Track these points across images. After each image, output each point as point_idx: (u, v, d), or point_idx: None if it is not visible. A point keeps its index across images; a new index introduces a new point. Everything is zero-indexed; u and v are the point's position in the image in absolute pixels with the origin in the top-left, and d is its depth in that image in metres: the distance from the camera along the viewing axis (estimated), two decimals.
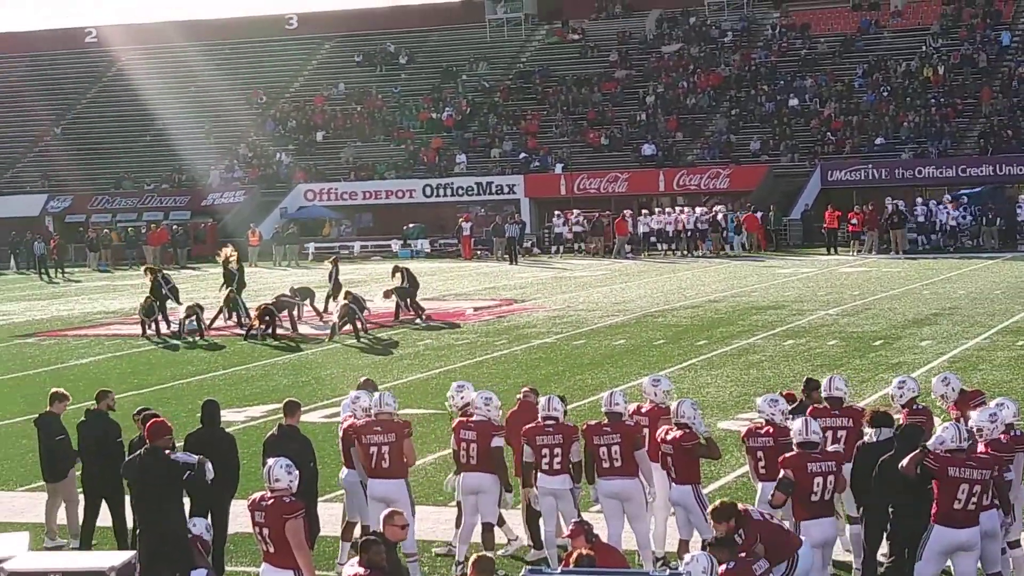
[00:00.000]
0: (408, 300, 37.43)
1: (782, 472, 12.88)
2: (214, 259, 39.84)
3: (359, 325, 34.08)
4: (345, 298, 34.83)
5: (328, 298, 38.71)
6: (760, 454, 14.07)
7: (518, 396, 16.24)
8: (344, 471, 15.36)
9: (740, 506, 11.71)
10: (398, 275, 37.80)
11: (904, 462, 12.52)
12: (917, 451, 12.53)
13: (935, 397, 15.06)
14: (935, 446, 12.49)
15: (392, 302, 37.56)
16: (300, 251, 64.01)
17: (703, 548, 13.14)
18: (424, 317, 36.90)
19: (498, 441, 14.85)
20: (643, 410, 15.16)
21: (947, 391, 14.80)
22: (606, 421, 14.53)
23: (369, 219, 71.15)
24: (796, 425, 13.21)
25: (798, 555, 11.92)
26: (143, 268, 38.75)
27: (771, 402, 14.41)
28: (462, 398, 15.40)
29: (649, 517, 14.68)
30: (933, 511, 12.43)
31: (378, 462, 14.70)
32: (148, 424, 13.70)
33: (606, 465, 14.43)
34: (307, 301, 38.25)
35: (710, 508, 11.83)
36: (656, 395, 15.22)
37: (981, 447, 12.93)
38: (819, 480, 12.81)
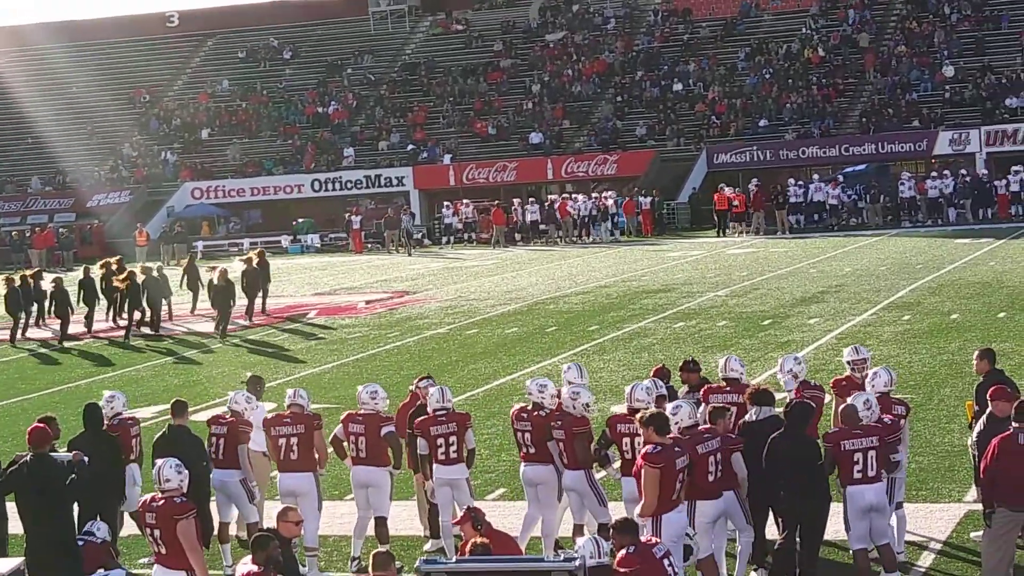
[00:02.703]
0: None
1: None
2: (103, 262, 39.07)
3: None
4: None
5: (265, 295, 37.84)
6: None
7: (410, 387, 16.20)
8: (215, 471, 15.22)
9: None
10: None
11: None
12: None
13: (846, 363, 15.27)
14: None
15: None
16: (188, 250, 63.37)
17: (599, 532, 13.25)
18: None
19: (388, 429, 14.81)
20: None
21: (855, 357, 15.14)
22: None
23: (258, 216, 70.71)
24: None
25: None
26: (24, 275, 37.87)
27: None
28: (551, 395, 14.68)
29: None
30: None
31: (287, 454, 14.67)
32: (31, 430, 13.51)
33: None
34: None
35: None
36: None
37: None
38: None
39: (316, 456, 14.78)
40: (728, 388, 14.83)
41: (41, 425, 13.78)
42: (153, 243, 62.96)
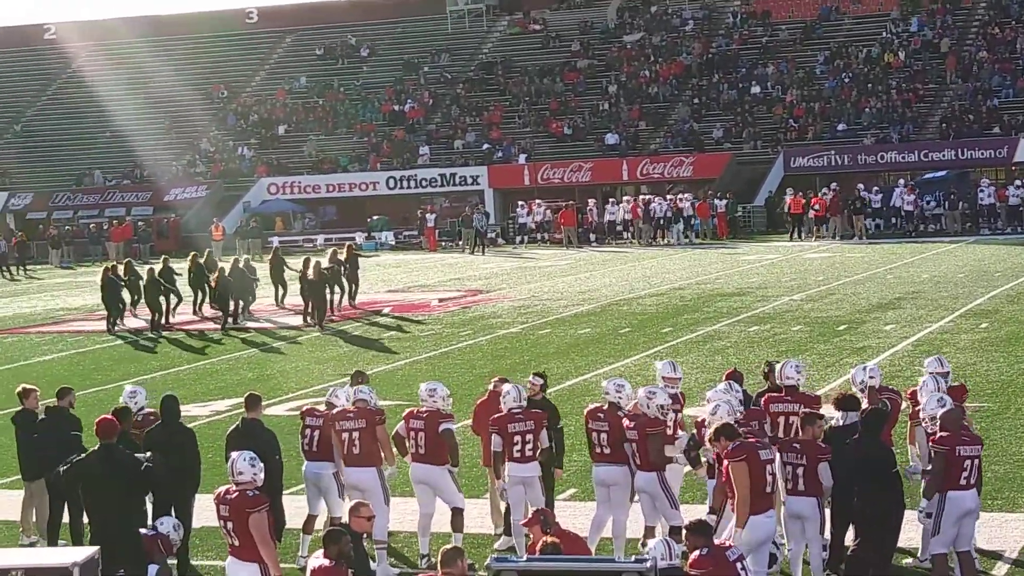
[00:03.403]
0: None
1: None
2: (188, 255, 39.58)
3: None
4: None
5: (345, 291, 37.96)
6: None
7: (488, 386, 16.17)
8: (307, 463, 15.31)
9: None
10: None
11: None
12: None
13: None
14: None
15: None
16: (263, 245, 63.75)
17: (671, 534, 13.19)
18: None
19: (445, 426, 14.81)
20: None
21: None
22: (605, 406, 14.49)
23: (333, 212, 70.99)
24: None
25: None
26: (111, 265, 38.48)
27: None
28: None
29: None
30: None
31: (349, 448, 14.71)
32: (99, 421, 13.61)
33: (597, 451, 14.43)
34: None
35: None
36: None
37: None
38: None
39: (382, 453, 14.82)
40: (787, 396, 14.71)
41: (109, 417, 13.88)
42: (229, 238, 63.36)
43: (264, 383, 25.76)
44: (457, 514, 14.84)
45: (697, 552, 10.73)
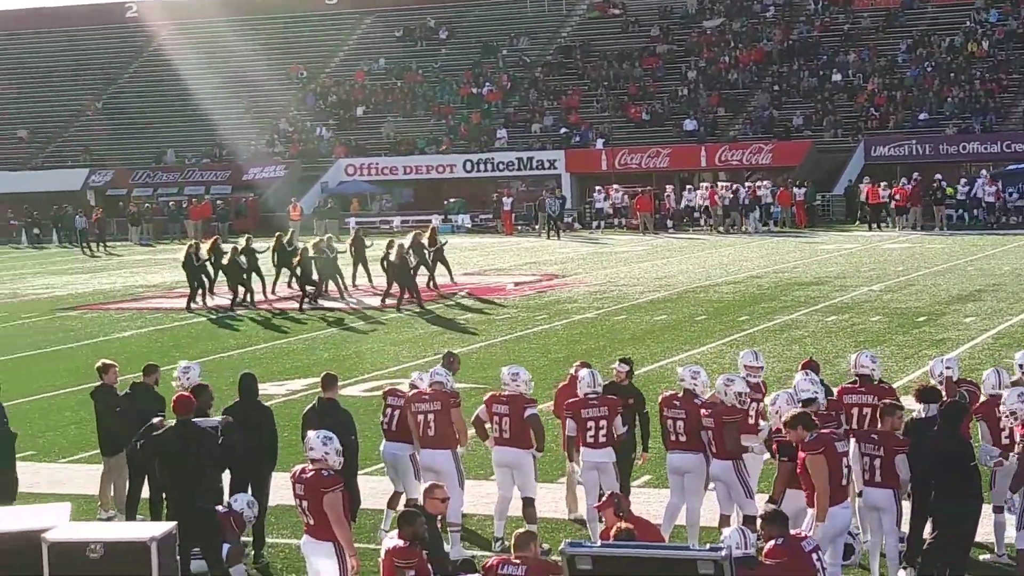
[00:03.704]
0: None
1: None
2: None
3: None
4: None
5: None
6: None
7: (570, 370, 16.11)
8: (386, 443, 15.36)
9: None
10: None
11: None
12: None
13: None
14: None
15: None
16: (340, 225, 64.02)
17: (745, 523, 13.12)
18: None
19: (531, 411, 14.78)
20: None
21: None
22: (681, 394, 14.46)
23: (410, 194, 71.14)
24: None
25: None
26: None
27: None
28: None
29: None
30: None
31: (424, 430, 14.74)
32: (176, 398, 13.72)
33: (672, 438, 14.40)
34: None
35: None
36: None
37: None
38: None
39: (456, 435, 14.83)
40: (861, 386, 14.57)
41: (186, 393, 13.99)
42: (306, 218, 63.67)
43: (340, 363, 25.87)
44: (529, 504, 14.80)
45: (772, 542, 10.68)
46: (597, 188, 63.47)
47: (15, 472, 15.69)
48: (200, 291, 36.56)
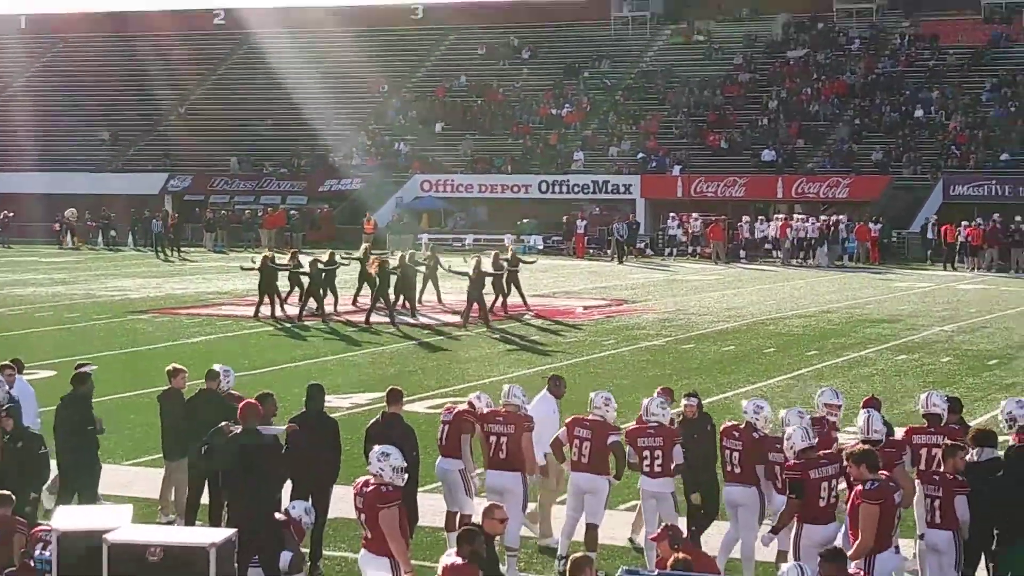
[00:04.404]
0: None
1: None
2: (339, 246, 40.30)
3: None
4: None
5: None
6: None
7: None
8: (440, 459, 15.38)
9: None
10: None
11: None
12: None
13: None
14: None
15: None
16: (413, 241, 64.21)
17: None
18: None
19: (615, 438, 14.74)
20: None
21: None
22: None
23: (484, 212, 71.22)
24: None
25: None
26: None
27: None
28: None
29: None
30: None
31: (496, 452, 14.75)
32: (242, 406, 13.82)
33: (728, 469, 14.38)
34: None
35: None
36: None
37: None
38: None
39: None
40: (930, 427, 14.41)
41: (253, 401, 14.08)
42: (380, 232, 63.91)
43: (406, 379, 25.92)
44: (592, 530, 14.78)
45: None
46: (671, 215, 63.30)
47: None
48: (272, 300, 36.72)
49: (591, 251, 62.49)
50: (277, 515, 13.36)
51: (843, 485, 12.99)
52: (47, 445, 15.30)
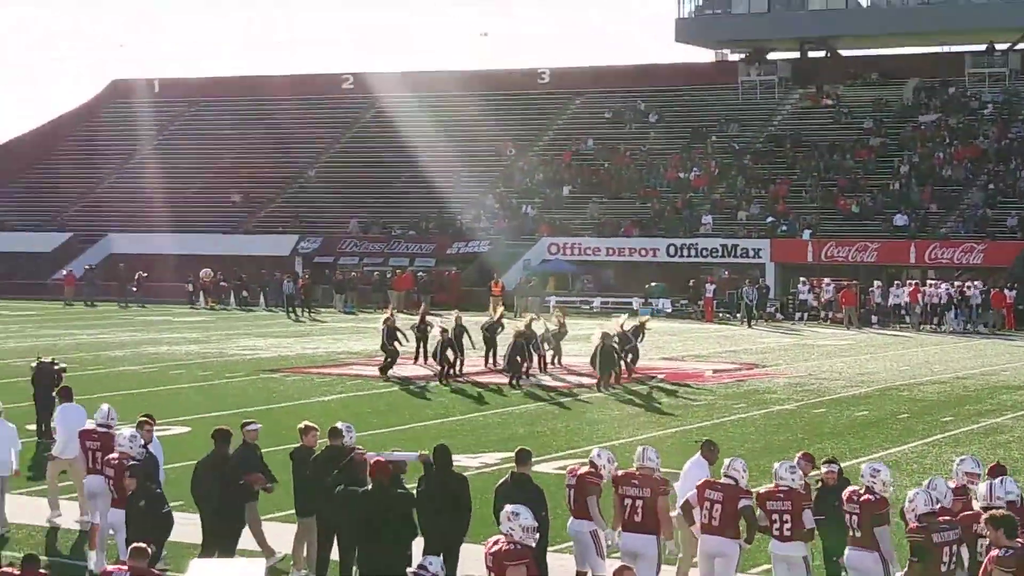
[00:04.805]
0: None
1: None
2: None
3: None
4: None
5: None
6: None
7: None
8: (571, 520, 15.24)
9: None
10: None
11: None
12: None
13: None
14: None
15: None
16: (541, 304, 64.17)
17: None
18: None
19: (746, 502, 14.58)
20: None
21: None
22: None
23: (611, 275, 71.06)
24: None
25: None
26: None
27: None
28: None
29: None
30: None
31: (631, 515, 14.64)
32: (373, 462, 13.92)
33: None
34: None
35: None
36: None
37: None
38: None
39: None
40: None
41: (383, 460, 14.16)
42: (507, 295, 63.97)
43: (535, 439, 25.84)
44: None
45: None
46: (801, 279, 62.70)
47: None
48: (395, 359, 37.18)
49: (720, 315, 62.04)
50: (409, 570, 13.35)
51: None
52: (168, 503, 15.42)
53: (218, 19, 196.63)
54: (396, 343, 37.49)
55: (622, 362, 36.50)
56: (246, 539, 16.84)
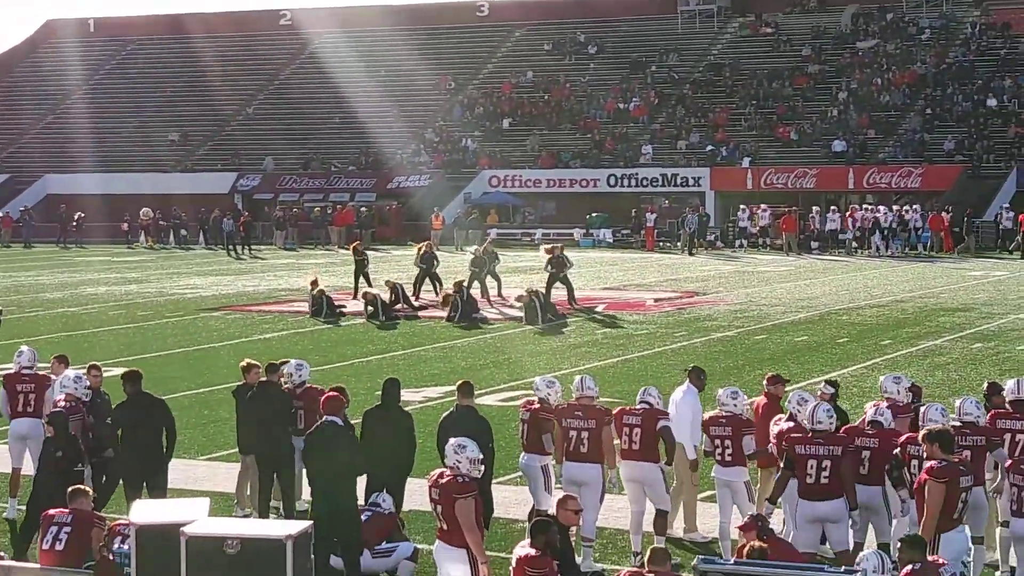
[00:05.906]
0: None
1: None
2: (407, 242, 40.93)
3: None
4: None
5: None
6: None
7: (764, 386, 15.94)
8: (523, 455, 15.31)
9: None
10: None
11: None
12: None
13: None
14: None
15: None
16: (482, 236, 64.19)
17: (879, 547, 12.93)
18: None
19: (663, 423, 14.73)
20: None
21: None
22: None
23: (552, 207, 71.13)
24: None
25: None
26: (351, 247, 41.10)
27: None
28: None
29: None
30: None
31: (576, 446, 14.68)
32: (325, 398, 13.92)
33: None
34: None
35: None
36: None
37: None
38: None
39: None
40: (1016, 413, 14.36)
41: (335, 393, 14.16)
42: (447, 228, 63.97)
43: (477, 372, 25.93)
44: (661, 516, 14.78)
45: (910, 567, 10.52)
46: (741, 207, 63.00)
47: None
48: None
49: (661, 244, 62.27)
50: (378, 509, 13.51)
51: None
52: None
53: None
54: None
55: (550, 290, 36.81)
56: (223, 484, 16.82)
